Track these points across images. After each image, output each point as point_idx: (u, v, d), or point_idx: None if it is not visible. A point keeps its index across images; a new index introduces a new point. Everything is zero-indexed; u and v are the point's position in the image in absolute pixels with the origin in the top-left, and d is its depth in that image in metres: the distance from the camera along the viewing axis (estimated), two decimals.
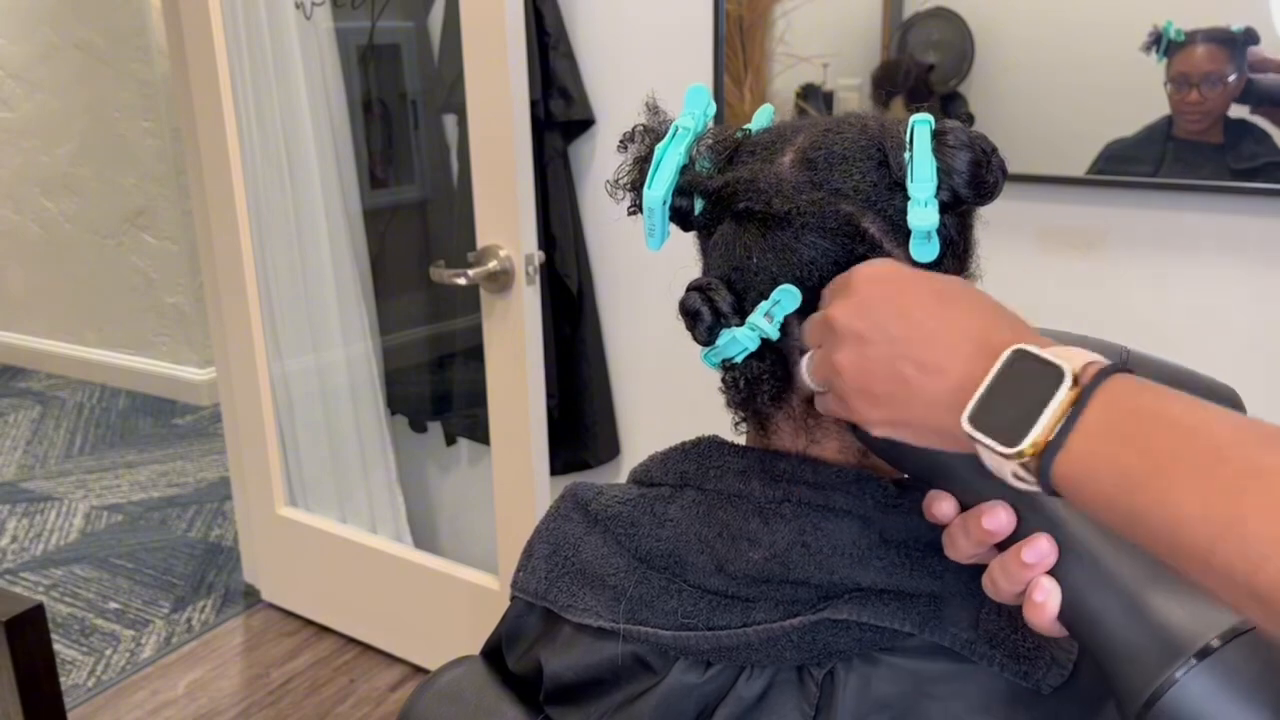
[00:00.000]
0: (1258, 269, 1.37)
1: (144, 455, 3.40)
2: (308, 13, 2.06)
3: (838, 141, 0.61)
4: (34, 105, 3.93)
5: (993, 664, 0.57)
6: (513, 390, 1.73)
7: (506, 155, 1.60)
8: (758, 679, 0.61)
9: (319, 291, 2.19)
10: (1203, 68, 1.32)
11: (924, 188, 0.57)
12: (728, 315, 0.61)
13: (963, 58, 1.48)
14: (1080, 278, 1.48)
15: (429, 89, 2.11)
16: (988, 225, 0.67)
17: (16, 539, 2.81)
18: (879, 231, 0.59)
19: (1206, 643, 0.44)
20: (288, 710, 2.07)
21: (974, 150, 0.59)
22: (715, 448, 0.67)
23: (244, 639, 2.32)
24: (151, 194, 3.73)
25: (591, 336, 1.96)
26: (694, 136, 0.64)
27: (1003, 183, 0.61)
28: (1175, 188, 1.38)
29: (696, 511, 0.65)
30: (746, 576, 0.61)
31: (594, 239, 1.93)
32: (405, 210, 2.31)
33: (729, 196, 0.61)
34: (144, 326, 3.95)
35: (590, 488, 0.73)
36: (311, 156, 2.11)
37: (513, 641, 0.75)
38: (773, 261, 0.60)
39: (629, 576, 0.66)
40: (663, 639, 0.63)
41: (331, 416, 2.28)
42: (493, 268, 1.65)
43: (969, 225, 0.64)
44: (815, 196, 0.59)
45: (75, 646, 2.29)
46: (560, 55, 1.82)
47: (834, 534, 0.60)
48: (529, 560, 0.73)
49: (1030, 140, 1.45)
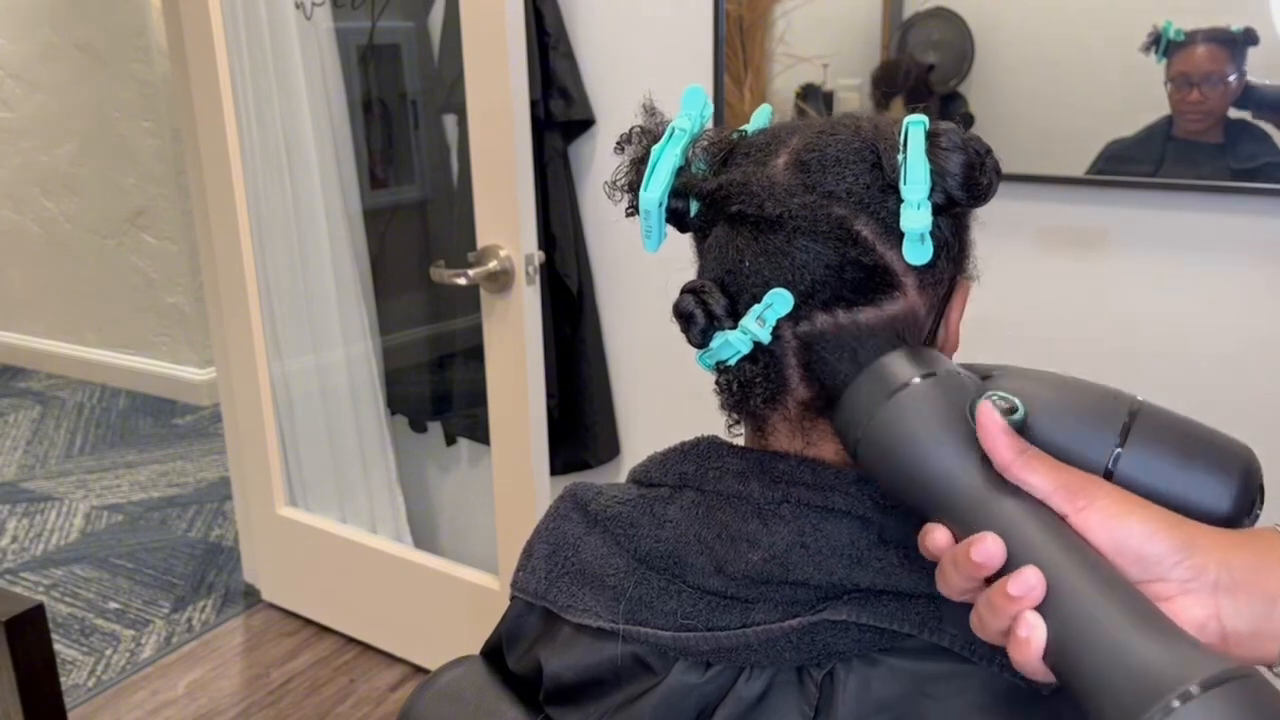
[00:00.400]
0: (1258, 269, 1.37)
1: (144, 455, 3.41)
2: (308, 13, 2.06)
3: (831, 144, 0.61)
4: (34, 105, 3.93)
5: (992, 664, 0.57)
6: (513, 390, 1.73)
7: (506, 155, 1.60)
8: (757, 680, 0.61)
9: (319, 291, 2.19)
10: (1203, 67, 1.32)
11: (917, 190, 0.57)
12: (721, 318, 0.61)
13: (963, 58, 1.48)
14: (1080, 278, 1.48)
15: (429, 89, 2.11)
16: (987, 226, 0.67)
17: (17, 539, 2.82)
18: (872, 234, 0.59)
19: (1186, 688, 0.43)
20: (288, 710, 2.07)
21: (967, 152, 0.59)
22: (714, 448, 0.67)
23: (244, 639, 2.32)
24: (151, 194, 3.73)
25: (591, 336, 1.96)
26: (690, 138, 0.64)
27: (997, 185, 0.60)
28: (1175, 188, 1.38)
29: (696, 512, 0.65)
30: (746, 577, 0.61)
31: (594, 239, 1.93)
32: (405, 210, 2.31)
33: (722, 199, 0.61)
34: (144, 326, 3.95)
35: (590, 488, 0.73)
36: (311, 156, 2.11)
37: (513, 641, 0.75)
38: (765, 265, 0.60)
39: (628, 577, 0.66)
40: (662, 640, 0.63)
41: (331, 416, 2.28)
42: (493, 268, 1.65)
43: (965, 227, 0.64)
44: (807, 200, 0.59)
45: (75, 646, 2.29)
46: (560, 55, 1.82)
47: (833, 535, 0.60)
48: (529, 560, 0.73)
49: (1030, 140, 1.45)
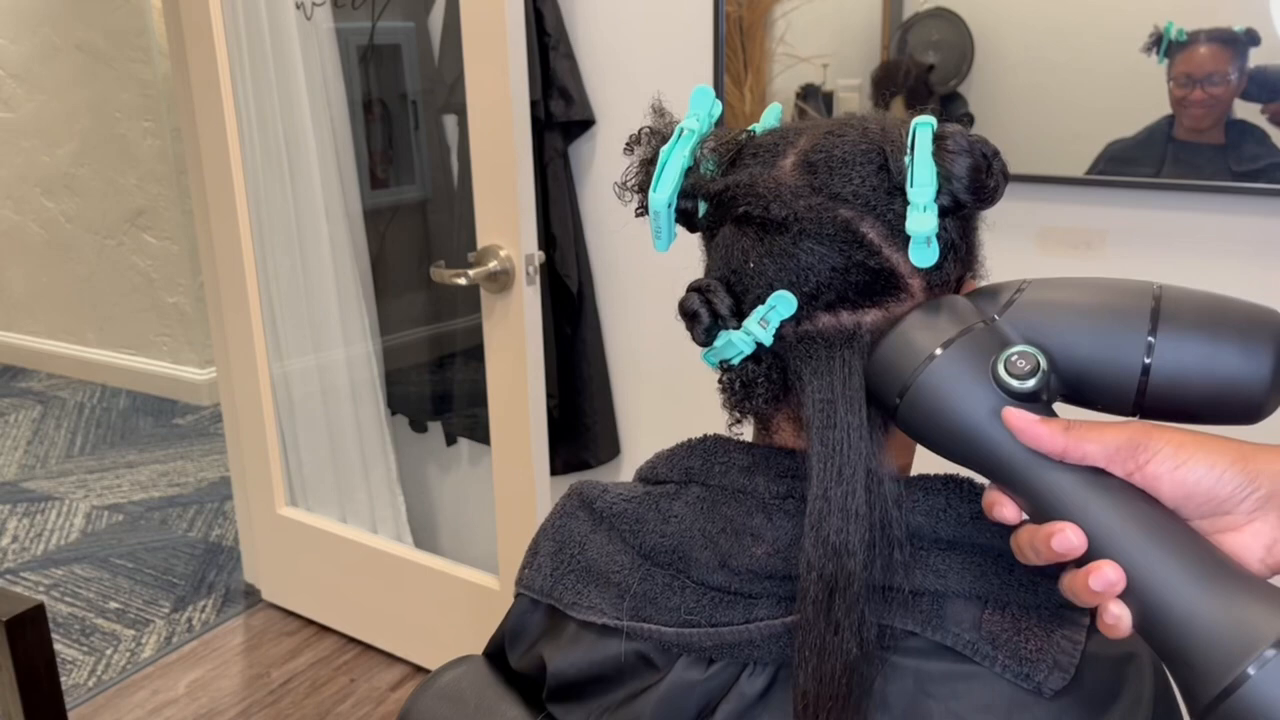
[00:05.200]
0: (1258, 270, 1.37)
1: (144, 455, 3.40)
2: (308, 13, 2.06)
3: (838, 145, 0.60)
4: (35, 105, 3.93)
5: (994, 665, 0.57)
6: (513, 390, 1.73)
7: (507, 155, 1.60)
8: (760, 676, 0.61)
9: (319, 291, 2.19)
10: (1206, 67, 1.32)
11: (923, 192, 0.57)
12: (725, 318, 0.62)
13: (963, 58, 1.48)
14: None
15: (429, 89, 2.11)
16: (989, 227, 0.67)
17: (17, 539, 2.81)
18: (878, 237, 0.59)
19: (1262, 653, 0.44)
20: (288, 710, 2.07)
21: (974, 155, 0.59)
22: (720, 444, 0.67)
23: (244, 639, 2.32)
24: (152, 194, 3.73)
25: (591, 336, 1.96)
26: (699, 138, 0.64)
27: (1004, 187, 0.60)
28: (1176, 188, 1.38)
29: (701, 507, 0.65)
30: (749, 572, 0.61)
31: (594, 239, 1.93)
32: (405, 210, 2.31)
33: (730, 200, 0.62)
34: (144, 326, 3.95)
35: (596, 486, 0.73)
36: (312, 156, 2.11)
37: (515, 639, 0.75)
38: (770, 266, 0.60)
39: (633, 573, 0.66)
40: (665, 636, 0.63)
41: (332, 416, 2.28)
42: (493, 268, 1.65)
43: (973, 228, 0.64)
44: (813, 202, 0.59)
45: (76, 646, 2.29)
46: (560, 55, 1.82)
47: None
48: (534, 558, 0.73)
49: (1030, 140, 1.45)
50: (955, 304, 0.57)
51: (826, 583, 0.56)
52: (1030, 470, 0.52)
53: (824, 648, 0.55)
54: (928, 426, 0.55)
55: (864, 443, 0.57)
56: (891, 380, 0.56)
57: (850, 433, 0.57)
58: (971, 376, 0.54)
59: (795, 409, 0.63)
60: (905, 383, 0.55)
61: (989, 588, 0.58)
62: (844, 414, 0.57)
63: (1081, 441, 0.51)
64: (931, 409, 0.54)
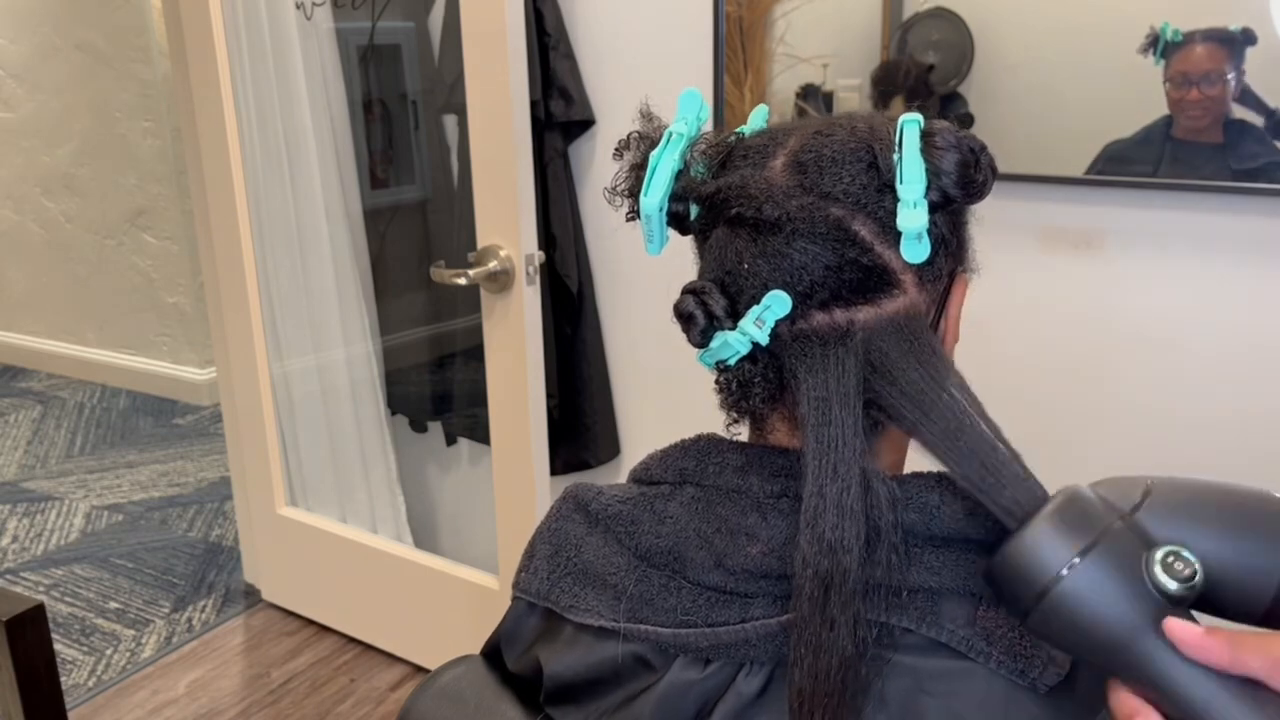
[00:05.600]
0: (1258, 269, 1.37)
1: (144, 455, 3.41)
2: (308, 13, 2.06)
3: (827, 144, 0.61)
4: (34, 105, 3.93)
5: (989, 661, 0.57)
6: (513, 390, 1.73)
7: (507, 155, 1.60)
8: (757, 675, 0.61)
9: (319, 291, 2.19)
10: (1202, 66, 1.32)
11: (913, 189, 0.58)
12: (721, 318, 0.62)
13: (963, 58, 1.49)
14: (1079, 278, 1.48)
15: (429, 89, 2.11)
16: (987, 224, 0.67)
17: (17, 539, 2.82)
18: (870, 234, 0.59)
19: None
20: (288, 710, 2.07)
21: (962, 150, 0.59)
22: (714, 444, 0.68)
23: (244, 639, 2.32)
24: (152, 194, 3.74)
25: (591, 336, 1.96)
26: (688, 141, 0.64)
27: (992, 181, 0.61)
28: (1174, 188, 1.38)
29: (696, 507, 0.65)
30: (745, 571, 0.62)
31: (594, 239, 1.93)
32: (405, 210, 2.31)
33: (721, 202, 0.62)
34: (144, 326, 3.95)
35: (590, 488, 0.73)
36: (312, 156, 2.11)
37: (511, 642, 0.75)
38: (764, 266, 0.60)
39: (629, 575, 0.66)
40: (662, 637, 0.63)
41: (332, 416, 2.29)
42: (493, 268, 1.66)
43: (963, 222, 0.64)
44: (805, 201, 0.59)
45: (76, 646, 2.29)
46: (560, 56, 1.82)
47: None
48: (531, 561, 0.74)
49: (1030, 140, 1.45)
50: (1087, 507, 0.53)
51: (822, 579, 0.56)
52: (1190, 683, 0.49)
53: (819, 645, 0.55)
54: (1067, 632, 0.51)
55: (858, 440, 0.57)
56: (1024, 585, 0.52)
57: (845, 430, 0.57)
58: (1119, 582, 0.51)
59: (790, 408, 0.63)
60: (1043, 587, 0.51)
61: (983, 584, 0.59)
62: (838, 411, 0.58)
63: (1242, 652, 0.49)
64: (1074, 616, 0.51)
